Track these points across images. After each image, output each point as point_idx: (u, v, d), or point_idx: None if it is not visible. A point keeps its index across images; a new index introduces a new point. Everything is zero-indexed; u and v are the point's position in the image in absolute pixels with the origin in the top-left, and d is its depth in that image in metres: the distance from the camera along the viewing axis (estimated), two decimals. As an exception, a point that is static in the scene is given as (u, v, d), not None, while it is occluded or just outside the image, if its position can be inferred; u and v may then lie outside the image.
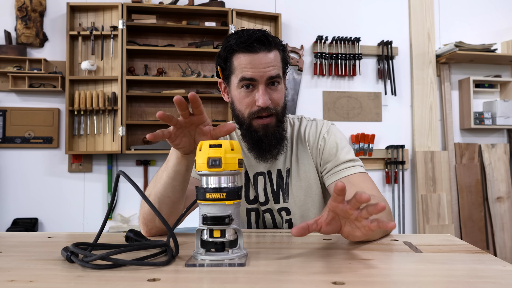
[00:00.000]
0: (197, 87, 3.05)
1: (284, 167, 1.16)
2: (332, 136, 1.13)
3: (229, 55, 1.05)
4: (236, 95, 1.07)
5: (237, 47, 1.03)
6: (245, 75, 1.03)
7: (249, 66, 1.02)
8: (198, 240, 0.72)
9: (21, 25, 2.86)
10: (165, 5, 2.91)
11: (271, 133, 1.07)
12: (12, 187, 2.88)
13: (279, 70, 1.06)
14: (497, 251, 3.27)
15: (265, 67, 1.03)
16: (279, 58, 1.07)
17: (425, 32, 3.37)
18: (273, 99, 1.05)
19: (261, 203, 1.17)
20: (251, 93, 1.05)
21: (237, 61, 1.04)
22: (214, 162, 0.69)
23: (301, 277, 0.61)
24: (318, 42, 3.22)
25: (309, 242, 0.87)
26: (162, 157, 3.03)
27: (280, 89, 1.08)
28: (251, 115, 1.06)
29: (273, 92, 1.06)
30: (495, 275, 0.62)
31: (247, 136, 1.09)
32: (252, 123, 1.07)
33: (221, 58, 1.08)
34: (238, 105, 1.08)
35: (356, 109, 3.29)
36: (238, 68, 1.04)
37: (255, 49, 1.02)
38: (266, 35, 1.04)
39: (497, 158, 3.38)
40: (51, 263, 0.71)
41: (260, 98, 1.03)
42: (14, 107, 2.87)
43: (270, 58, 1.04)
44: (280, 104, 1.08)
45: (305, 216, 1.14)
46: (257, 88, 1.04)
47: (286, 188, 1.15)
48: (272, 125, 1.07)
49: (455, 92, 3.44)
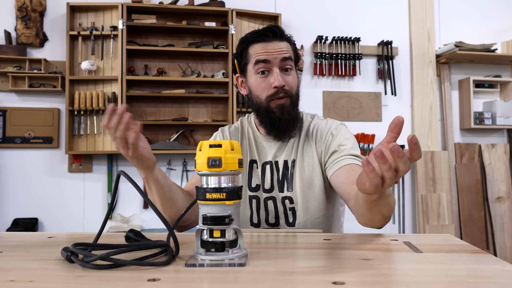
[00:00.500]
0: (197, 87, 3.05)
1: (290, 158, 1.20)
2: (340, 133, 1.18)
3: (245, 47, 1.16)
4: (253, 82, 1.16)
5: (252, 38, 1.15)
6: (259, 58, 1.12)
7: (263, 51, 1.12)
8: (198, 240, 0.72)
9: (21, 25, 2.86)
10: (165, 5, 2.91)
11: (287, 112, 1.14)
12: (12, 187, 2.88)
13: (291, 56, 1.15)
14: (497, 251, 3.27)
15: (278, 51, 1.12)
16: (290, 48, 1.16)
17: (425, 32, 3.37)
18: (287, 82, 1.13)
19: (266, 190, 1.20)
20: (267, 78, 1.13)
21: (252, 50, 1.15)
22: (214, 162, 0.69)
23: (301, 277, 0.61)
24: (318, 42, 3.22)
25: (309, 242, 0.87)
26: (162, 157, 3.03)
27: (293, 74, 1.16)
28: (268, 97, 1.14)
29: (286, 76, 1.14)
30: (495, 275, 0.62)
31: (265, 118, 1.16)
32: (270, 105, 1.14)
33: (238, 52, 1.19)
34: (255, 91, 1.16)
35: (356, 109, 3.29)
36: (253, 55, 1.14)
37: (269, 38, 1.13)
38: (279, 27, 1.15)
39: (497, 158, 3.38)
40: (51, 263, 0.71)
41: (275, 79, 1.11)
42: (14, 107, 2.87)
43: (282, 45, 1.14)
44: (294, 88, 1.15)
45: (306, 207, 1.17)
46: (271, 72, 1.13)
47: (290, 178, 1.19)
48: (287, 105, 1.14)
49: (455, 92, 3.44)
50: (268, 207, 1.20)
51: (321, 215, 1.17)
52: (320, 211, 1.17)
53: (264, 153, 1.23)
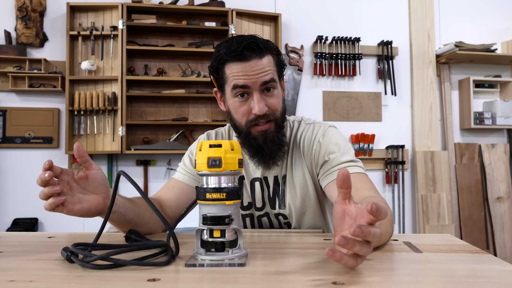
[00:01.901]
0: (197, 87, 3.05)
1: (281, 174, 1.13)
2: (328, 139, 1.09)
3: (221, 65, 1.03)
4: (231, 104, 1.04)
5: (227, 57, 1.00)
6: (237, 83, 1.00)
7: (240, 74, 0.99)
8: (198, 240, 0.72)
9: (21, 25, 2.85)
10: (165, 5, 2.91)
11: (270, 139, 1.04)
12: (12, 187, 2.88)
13: (273, 74, 1.02)
14: (497, 251, 3.27)
15: (257, 73, 0.99)
16: (272, 62, 1.03)
17: (425, 32, 3.37)
18: (270, 105, 1.02)
19: (257, 209, 1.16)
20: (246, 101, 1.02)
21: (229, 70, 1.01)
22: (214, 162, 0.69)
23: (301, 277, 0.61)
24: (318, 42, 3.22)
25: (309, 242, 0.87)
26: (162, 157, 3.03)
27: (277, 94, 1.04)
28: (248, 123, 1.03)
29: (269, 98, 1.02)
30: (495, 275, 0.62)
31: (246, 144, 1.06)
32: (251, 131, 1.04)
33: (213, 68, 1.05)
34: (234, 115, 1.05)
35: (356, 109, 3.29)
36: (230, 77, 1.01)
37: (246, 57, 0.98)
38: (256, 41, 1.00)
39: (497, 158, 3.38)
40: (51, 263, 0.71)
41: (255, 106, 0.99)
42: (14, 107, 2.87)
43: (262, 64, 1.00)
44: (278, 109, 1.04)
45: (300, 221, 1.14)
46: (251, 95, 1.01)
47: (282, 195, 1.13)
48: (271, 130, 1.04)
49: (455, 92, 3.44)
50: (263, 223, 1.17)
51: (318, 226, 1.16)
52: (315, 224, 1.15)
53: (251, 169, 1.15)
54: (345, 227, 0.66)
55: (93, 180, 0.82)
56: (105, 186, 0.84)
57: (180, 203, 1.11)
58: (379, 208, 0.56)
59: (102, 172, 0.84)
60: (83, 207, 0.81)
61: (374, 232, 0.57)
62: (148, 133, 3.01)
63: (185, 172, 1.16)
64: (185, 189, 1.13)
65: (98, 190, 0.83)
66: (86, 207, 0.81)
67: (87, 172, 0.82)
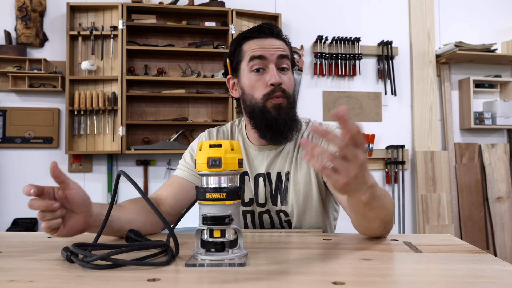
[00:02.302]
0: (197, 87, 3.05)
1: (284, 170, 1.14)
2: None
3: (239, 44, 1.09)
4: (247, 80, 1.08)
5: (248, 34, 1.08)
6: (255, 53, 1.05)
7: (258, 47, 1.06)
8: (198, 240, 0.72)
9: (21, 25, 2.85)
10: (165, 5, 2.91)
11: (285, 112, 1.06)
12: (12, 187, 2.88)
13: (288, 55, 1.09)
14: (497, 251, 3.27)
15: (275, 47, 1.06)
16: (287, 48, 1.10)
17: (425, 32, 3.37)
18: (285, 81, 1.06)
19: (260, 205, 1.16)
20: (262, 75, 1.06)
21: (247, 46, 1.08)
22: (214, 162, 0.69)
23: (301, 277, 0.61)
24: (318, 42, 3.22)
25: (309, 242, 0.87)
26: (162, 157, 3.03)
27: (290, 76, 1.09)
28: (264, 97, 1.05)
29: (283, 76, 1.07)
30: (495, 275, 0.62)
31: (259, 120, 1.07)
32: (266, 104, 1.06)
33: (231, 51, 1.12)
34: (249, 91, 1.08)
35: (356, 109, 3.29)
36: (248, 51, 1.07)
37: (265, 34, 1.07)
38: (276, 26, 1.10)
39: (497, 158, 3.38)
40: (51, 263, 0.71)
41: (272, 77, 1.04)
42: (14, 107, 2.87)
43: (279, 43, 1.08)
44: (291, 89, 1.08)
45: (302, 219, 1.14)
46: (267, 69, 1.06)
47: (284, 192, 1.13)
48: (284, 105, 1.06)
49: (455, 92, 3.44)
50: (264, 220, 1.17)
51: (319, 226, 1.15)
52: (318, 223, 1.15)
53: (255, 164, 1.15)
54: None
55: (72, 201, 0.78)
56: (85, 205, 0.80)
57: (179, 198, 1.10)
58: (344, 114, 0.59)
59: (81, 190, 0.79)
60: (62, 232, 0.77)
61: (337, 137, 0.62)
62: (148, 133, 3.01)
63: (185, 168, 1.16)
64: (185, 185, 1.12)
65: (78, 210, 0.79)
66: (65, 230, 0.78)
67: (65, 193, 0.77)
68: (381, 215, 0.82)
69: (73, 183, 0.78)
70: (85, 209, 0.79)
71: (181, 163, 1.18)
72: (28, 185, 0.71)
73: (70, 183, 0.77)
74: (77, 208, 0.78)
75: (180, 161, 1.19)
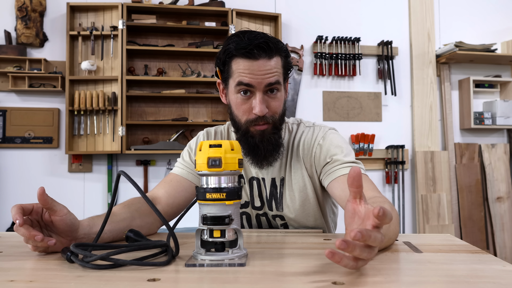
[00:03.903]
0: (197, 87, 3.05)
1: (279, 176, 1.13)
2: (328, 142, 1.09)
3: (228, 59, 1.02)
4: (233, 99, 1.04)
5: (236, 52, 0.99)
6: (243, 80, 0.99)
7: (247, 72, 0.99)
8: (198, 240, 0.72)
9: (21, 25, 2.85)
10: (165, 5, 2.91)
11: (267, 139, 1.04)
12: (12, 187, 2.88)
13: (279, 76, 1.02)
14: (497, 251, 3.27)
15: (264, 74, 0.99)
16: (280, 64, 1.03)
17: (425, 32, 3.37)
18: (271, 107, 1.02)
19: (256, 207, 1.15)
20: (248, 100, 1.02)
21: (236, 66, 1.00)
22: (214, 162, 0.69)
23: (301, 277, 0.61)
24: (318, 42, 3.22)
25: (309, 242, 0.87)
26: (162, 157, 3.03)
27: (279, 96, 1.04)
28: (247, 122, 1.03)
29: (271, 100, 1.02)
30: (495, 275, 0.62)
31: (243, 142, 1.06)
32: (249, 129, 1.04)
33: (220, 60, 1.05)
34: (235, 110, 1.05)
35: (356, 109, 3.29)
36: (236, 72, 1.00)
37: (255, 56, 0.98)
38: (268, 41, 0.99)
39: (497, 158, 3.38)
40: (51, 263, 0.71)
41: (257, 106, 0.99)
42: (14, 107, 2.87)
43: (270, 65, 0.99)
44: (278, 112, 1.04)
45: (299, 223, 1.14)
46: (254, 95, 1.01)
47: (280, 197, 1.13)
48: (268, 131, 1.04)
49: (455, 92, 3.44)
50: (261, 222, 1.17)
51: (318, 228, 1.16)
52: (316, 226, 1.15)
53: (249, 168, 1.15)
54: (354, 227, 0.66)
55: (57, 227, 0.77)
56: (70, 231, 0.78)
57: (177, 196, 1.09)
58: (385, 213, 0.57)
59: (68, 217, 0.77)
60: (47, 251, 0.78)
61: (374, 237, 0.58)
62: (148, 133, 3.01)
63: (183, 166, 1.15)
64: (183, 183, 1.12)
65: (63, 235, 0.79)
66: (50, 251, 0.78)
67: (52, 218, 0.77)
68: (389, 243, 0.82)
69: (61, 209, 0.77)
70: (70, 234, 0.79)
71: (179, 161, 1.18)
72: (15, 213, 0.72)
73: (57, 209, 0.76)
74: (62, 233, 0.78)
75: (178, 159, 1.19)
